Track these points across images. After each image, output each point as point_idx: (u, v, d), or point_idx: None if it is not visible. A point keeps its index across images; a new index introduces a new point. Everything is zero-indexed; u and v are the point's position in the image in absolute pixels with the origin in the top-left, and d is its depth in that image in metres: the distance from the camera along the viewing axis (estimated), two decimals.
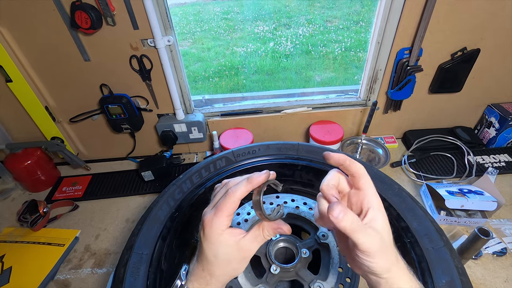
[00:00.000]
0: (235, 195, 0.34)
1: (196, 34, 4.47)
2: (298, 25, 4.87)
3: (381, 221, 0.31)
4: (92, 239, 0.80)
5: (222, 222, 0.34)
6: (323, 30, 4.58)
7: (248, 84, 3.33)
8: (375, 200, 0.31)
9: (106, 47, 0.79)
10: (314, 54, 3.92)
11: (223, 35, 4.59)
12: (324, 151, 0.75)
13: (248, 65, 3.71)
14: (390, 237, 0.31)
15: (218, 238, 0.34)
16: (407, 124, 1.03)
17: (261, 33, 4.63)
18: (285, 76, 3.50)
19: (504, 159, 0.94)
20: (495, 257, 0.69)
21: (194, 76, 3.43)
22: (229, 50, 4.12)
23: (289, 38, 4.41)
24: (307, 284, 0.49)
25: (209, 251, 0.35)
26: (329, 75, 3.43)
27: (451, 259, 0.49)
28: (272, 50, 4.09)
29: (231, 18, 5.23)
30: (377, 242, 0.29)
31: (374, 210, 0.31)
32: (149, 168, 0.92)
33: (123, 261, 0.53)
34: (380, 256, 0.30)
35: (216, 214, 0.34)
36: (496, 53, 0.85)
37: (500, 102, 0.98)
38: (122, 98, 0.86)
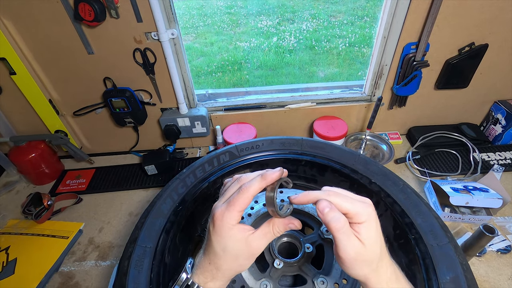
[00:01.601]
0: (249, 191, 0.34)
1: (199, 28, 4.45)
2: (302, 20, 4.83)
3: (369, 235, 0.31)
4: (95, 232, 0.80)
5: (233, 217, 0.34)
6: (327, 25, 4.54)
7: (251, 79, 3.32)
8: (362, 215, 0.31)
9: (109, 40, 0.78)
10: (318, 50, 3.89)
11: (226, 29, 4.57)
12: (328, 146, 0.74)
13: (251, 60, 3.69)
14: (377, 248, 0.32)
15: (228, 232, 0.34)
16: (412, 120, 1.02)
17: (264, 28, 4.60)
18: (288, 71, 3.48)
19: (510, 157, 0.93)
20: (499, 254, 0.69)
21: (197, 70, 3.43)
22: (232, 45, 4.10)
23: (292, 33, 4.38)
24: (310, 279, 0.49)
25: (217, 245, 0.35)
26: (332, 71, 3.41)
27: (456, 255, 0.49)
28: (276, 45, 4.07)
29: (235, 13, 5.20)
30: (356, 253, 0.31)
31: (361, 225, 0.31)
32: (152, 162, 0.92)
33: (127, 254, 0.53)
34: (357, 265, 0.31)
35: (228, 208, 0.34)
36: (504, 48, 0.84)
37: (507, 99, 0.96)
38: (126, 92, 0.86)
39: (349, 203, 0.32)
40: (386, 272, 0.33)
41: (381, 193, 0.61)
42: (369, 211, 0.32)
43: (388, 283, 0.32)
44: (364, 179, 0.64)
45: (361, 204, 0.32)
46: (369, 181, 0.64)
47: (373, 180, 0.63)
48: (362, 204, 0.32)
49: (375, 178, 0.64)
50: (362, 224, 0.31)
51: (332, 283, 0.48)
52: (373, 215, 0.32)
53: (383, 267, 0.32)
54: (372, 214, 0.32)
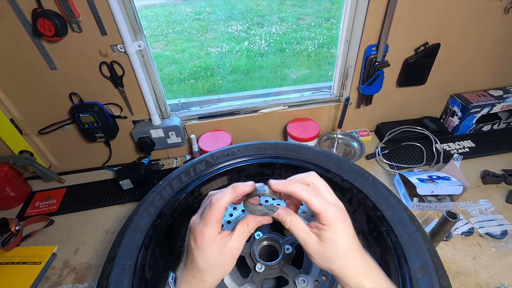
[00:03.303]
0: (220, 204, 0.36)
1: (169, 35, 4.39)
2: (271, 24, 4.91)
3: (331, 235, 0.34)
4: (71, 254, 0.77)
5: (213, 231, 0.35)
6: (295, 28, 4.65)
7: (225, 85, 3.32)
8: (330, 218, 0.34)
9: (73, 54, 0.76)
10: (289, 52, 3.98)
11: (196, 36, 4.54)
12: (301, 148, 0.76)
13: (223, 65, 3.69)
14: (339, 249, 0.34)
15: (210, 246, 0.35)
16: (379, 117, 1.08)
17: (235, 33, 4.62)
18: (261, 75, 3.52)
19: (468, 145, 1.01)
20: (463, 237, 0.75)
21: (169, 79, 3.37)
22: (204, 51, 4.08)
23: (263, 36, 4.44)
24: (291, 279, 0.50)
25: (200, 259, 0.36)
26: (304, 72, 3.49)
27: (423, 243, 0.52)
28: (247, 49, 4.11)
29: (204, 19, 5.18)
30: (311, 247, 0.35)
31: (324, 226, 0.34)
32: (127, 176, 0.90)
33: (105, 273, 0.52)
34: (316, 259, 0.35)
35: (206, 224, 0.35)
36: (455, 46, 0.91)
37: (462, 92, 1.04)
38: (94, 107, 0.84)
39: (322, 206, 0.34)
40: (354, 268, 0.34)
41: (353, 190, 0.64)
42: (336, 216, 0.34)
43: (357, 277, 0.35)
44: (337, 177, 0.67)
45: (332, 208, 0.35)
46: (342, 179, 0.66)
47: (345, 178, 0.66)
48: (333, 209, 0.35)
49: (347, 175, 0.67)
50: (326, 226, 0.34)
51: (313, 281, 0.50)
52: (340, 219, 0.34)
53: (347, 265, 0.34)
54: (338, 218, 0.34)
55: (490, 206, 0.81)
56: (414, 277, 0.48)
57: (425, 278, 0.48)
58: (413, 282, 0.47)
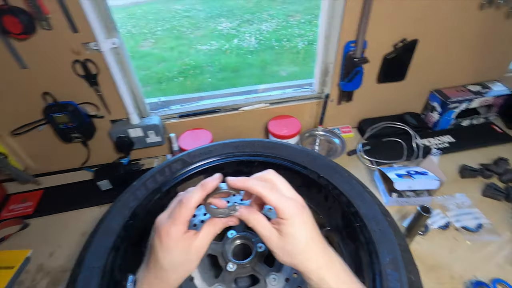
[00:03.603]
0: (190, 203, 0.35)
1: (157, 33, 4.34)
2: (261, 21, 4.90)
3: (289, 229, 0.34)
4: (45, 258, 0.75)
5: (180, 230, 0.35)
6: (285, 25, 4.65)
7: (214, 82, 3.30)
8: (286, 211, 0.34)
9: (44, 52, 0.74)
10: (278, 49, 3.98)
11: (186, 33, 4.50)
12: (279, 145, 0.76)
13: (213, 63, 3.67)
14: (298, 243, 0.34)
15: (176, 245, 0.35)
16: (361, 114, 1.08)
17: (224, 30, 4.60)
18: (251, 72, 3.51)
19: (447, 140, 1.02)
20: (440, 231, 0.76)
21: (158, 77, 3.34)
22: (193, 48, 4.05)
23: (253, 34, 4.43)
24: (262, 278, 0.50)
25: (164, 260, 0.35)
26: (294, 69, 3.50)
27: (394, 238, 0.53)
28: (237, 46, 4.09)
29: (193, 16, 5.14)
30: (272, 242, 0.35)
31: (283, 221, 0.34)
32: (106, 176, 0.89)
33: (73, 277, 0.50)
34: (277, 254, 0.35)
35: (173, 222, 0.35)
36: (432, 42, 0.92)
37: (441, 88, 1.05)
38: (68, 106, 0.81)
39: (277, 199, 0.34)
40: (316, 262, 0.34)
41: (329, 186, 0.64)
42: (293, 209, 0.34)
43: (320, 271, 0.34)
44: (313, 174, 0.67)
45: (289, 202, 0.35)
46: (318, 176, 0.66)
47: (321, 174, 0.66)
48: (290, 202, 0.35)
49: (323, 172, 0.66)
50: (284, 220, 0.34)
51: (283, 279, 0.50)
52: (297, 213, 0.34)
53: (309, 259, 0.34)
54: (296, 211, 0.34)
55: (467, 200, 0.82)
56: (384, 272, 0.48)
57: (394, 273, 0.48)
58: (383, 277, 0.48)
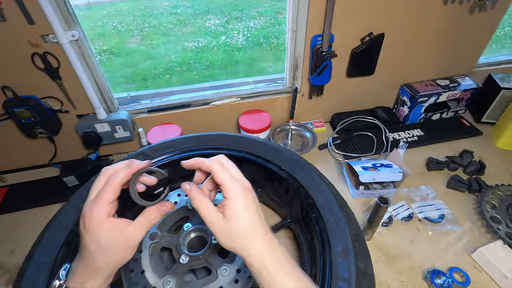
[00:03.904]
0: (115, 181, 0.34)
1: (144, 30, 4.26)
2: (250, 18, 4.87)
3: (233, 210, 0.34)
4: (5, 255, 0.73)
5: (102, 211, 0.34)
6: (274, 22, 4.63)
7: (201, 80, 3.27)
8: (232, 191, 0.35)
9: (0, 45, 0.72)
10: (266, 46, 3.96)
11: (173, 30, 4.43)
12: (243, 139, 0.76)
13: (200, 60, 3.63)
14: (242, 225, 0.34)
15: (99, 227, 0.34)
16: (333, 108, 1.09)
17: (212, 27, 4.55)
18: (238, 69, 3.49)
19: (417, 134, 1.03)
20: (403, 222, 0.77)
21: (144, 74, 3.29)
22: (180, 45, 3.99)
23: (240, 31, 4.40)
24: (215, 269, 0.50)
25: (90, 243, 0.34)
26: (281, 66, 3.48)
27: (347, 228, 0.53)
28: (224, 43, 4.06)
29: (181, 13, 5.07)
30: (216, 224, 0.35)
31: (227, 200, 0.35)
32: (72, 172, 0.87)
33: (20, 273, 0.49)
34: (220, 237, 0.35)
35: (96, 203, 0.34)
36: (399, 36, 0.92)
37: (411, 82, 1.07)
38: (30, 100, 0.79)
39: (225, 177, 0.35)
40: (260, 246, 0.35)
41: (290, 179, 0.64)
42: (238, 190, 0.35)
43: (262, 255, 0.35)
44: (275, 167, 0.67)
45: (235, 182, 0.35)
46: (280, 168, 0.67)
47: (283, 167, 0.66)
48: (236, 183, 0.35)
49: (285, 165, 0.67)
50: (230, 200, 0.34)
51: (235, 269, 0.50)
52: (241, 194, 0.35)
53: (254, 242, 0.35)
54: (240, 193, 0.35)
55: (432, 192, 0.83)
56: (334, 261, 0.49)
57: (344, 262, 0.48)
58: (333, 265, 0.48)
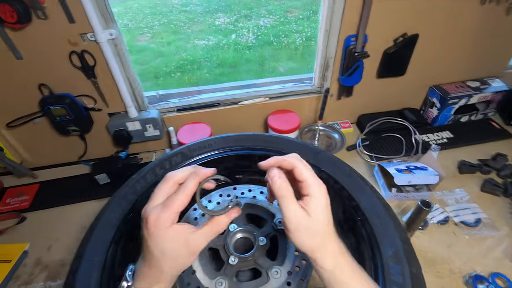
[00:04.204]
0: (186, 192, 0.34)
1: (155, 28, 4.29)
2: (259, 16, 4.86)
3: (316, 208, 0.34)
4: (43, 251, 0.74)
5: (168, 218, 0.34)
6: (283, 21, 4.62)
7: (212, 78, 3.27)
8: (315, 189, 0.34)
9: (40, 43, 0.72)
10: (276, 45, 3.95)
11: (183, 28, 4.45)
12: (279, 139, 0.75)
13: (210, 58, 3.64)
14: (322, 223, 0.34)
15: (164, 234, 0.34)
16: (360, 109, 1.08)
17: (222, 25, 4.55)
18: (249, 68, 3.49)
19: (446, 136, 1.02)
20: (439, 225, 0.76)
21: (155, 72, 3.30)
22: (190, 43, 4.01)
23: (250, 29, 4.39)
24: (264, 271, 0.50)
25: (155, 249, 0.34)
26: (292, 65, 3.48)
27: (396, 231, 0.53)
28: (235, 42, 4.06)
29: (191, 11, 5.08)
30: (298, 220, 0.33)
31: (310, 197, 0.34)
32: (103, 170, 0.88)
33: (72, 270, 0.50)
34: (300, 234, 0.34)
35: (165, 210, 0.34)
36: (433, 37, 0.91)
37: (441, 83, 1.05)
38: (65, 98, 0.80)
39: (308, 175, 0.35)
40: (333, 247, 0.35)
41: (330, 181, 0.64)
42: (322, 189, 0.35)
43: (336, 256, 0.35)
44: (315, 168, 0.66)
45: (318, 180, 0.35)
46: (319, 170, 0.66)
47: (322, 169, 0.66)
48: (319, 181, 0.35)
49: (324, 166, 0.66)
50: (312, 197, 0.34)
51: (286, 272, 0.49)
52: (324, 193, 0.35)
53: (328, 243, 0.35)
54: (323, 192, 0.35)
55: (466, 195, 0.82)
56: (386, 265, 0.48)
57: (397, 266, 0.48)
58: (385, 270, 0.48)
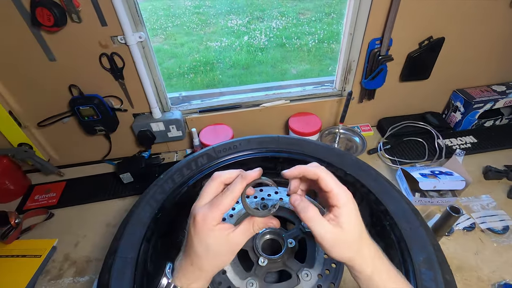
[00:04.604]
0: (234, 194, 0.35)
1: (168, 29, 4.35)
2: (272, 18, 4.87)
3: (348, 218, 0.33)
4: (71, 247, 0.77)
5: (216, 218, 0.35)
6: (296, 23, 4.61)
7: (224, 79, 3.30)
8: (343, 198, 0.34)
9: (72, 45, 0.75)
10: (289, 47, 3.95)
11: (196, 30, 4.49)
12: (303, 142, 0.76)
13: (223, 60, 3.67)
14: (356, 230, 0.34)
15: (210, 233, 0.34)
16: (381, 112, 1.07)
17: (234, 27, 4.58)
18: (261, 69, 3.50)
19: (470, 141, 1.00)
20: (465, 232, 0.75)
21: (169, 73, 3.35)
22: (203, 45, 4.05)
23: (263, 31, 4.40)
24: (294, 273, 0.50)
25: (199, 246, 0.35)
26: (304, 67, 3.47)
27: (427, 237, 0.52)
28: (247, 44, 4.07)
29: (204, 12, 5.13)
30: (333, 236, 0.33)
31: (340, 208, 0.34)
32: (128, 169, 0.90)
33: (107, 266, 0.51)
34: (338, 249, 0.33)
35: (212, 209, 0.34)
36: (459, 41, 0.90)
37: (465, 88, 1.04)
38: (94, 99, 0.82)
39: (334, 184, 0.34)
40: (370, 251, 0.35)
41: (357, 184, 0.64)
42: (348, 195, 0.34)
43: (374, 260, 0.35)
44: (340, 171, 0.67)
45: (343, 188, 0.35)
46: (345, 173, 0.66)
47: (348, 172, 0.66)
48: (343, 189, 0.35)
49: (350, 169, 0.66)
50: (342, 208, 0.34)
51: (316, 275, 0.50)
52: (351, 200, 0.35)
53: (365, 248, 0.34)
54: (351, 198, 0.34)
55: (492, 202, 0.81)
56: (418, 271, 0.48)
57: (429, 272, 0.47)
58: (417, 276, 0.47)
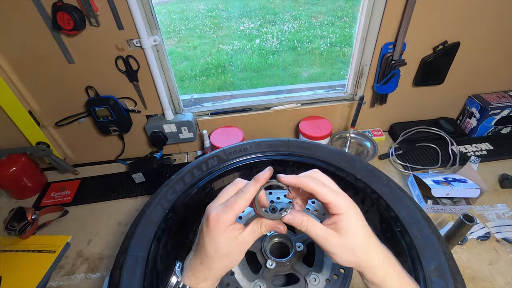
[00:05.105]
0: (247, 196, 0.36)
1: (181, 32, 4.42)
2: (284, 22, 4.88)
3: (348, 224, 0.34)
4: (84, 244, 0.79)
5: (229, 219, 0.35)
6: (308, 26, 4.61)
7: (236, 82, 3.33)
8: (342, 207, 0.34)
9: (90, 48, 0.77)
10: (300, 50, 3.95)
11: (208, 33, 4.55)
12: (314, 146, 0.76)
13: (235, 62, 3.69)
14: (358, 236, 0.34)
15: (222, 233, 0.35)
16: (393, 117, 1.06)
17: (246, 30, 4.61)
18: (272, 73, 3.51)
19: (485, 148, 0.98)
20: (479, 241, 0.73)
21: (181, 75, 3.40)
22: (215, 48, 4.09)
23: (275, 34, 4.42)
24: (302, 277, 0.50)
25: (210, 246, 0.36)
26: (316, 71, 3.46)
27: (439, 245, 0.51)
28: (259, 47, 4.09)
29: (216, 16, 5.19)
30: (331, 240, 0.34)
31: (339, 216, 0.34)
32: (140, 170, 0.91)
33: (119, 264, 0.52)
34: (339, 254, 0.34)
35: (226, 210, 0.35)
36: (474, 45, 0.88)
37: (481, 93, 1.01)
38: (109, 100, 0.85)
39: (332, 195, 0.34)
40: (379, 256, 0.34)
41: (367, 189, 0.63)
42: (348, 203, 0.34)
43: (384, 265, 0.34)
44: (350, 176, 0.66)
45: (341, 196, 0.35)
46: (355, 178, 0.65)
47: (358, 177, 0.65)
48: (343, 196, 0.35)
49: (360, 175, 0.66)
50: (341, 215, 0.34)
51: (324, 279, 0.49)
52: (352, 206, 0.34)
53: (372, 253, 0.34)
54: (350, 205, 0.34)
55: (508, 211, 0.78)
56: (428, 279, 0.47)
57: (440, 281, 0.47)
58: (428, 284, 0.46)
